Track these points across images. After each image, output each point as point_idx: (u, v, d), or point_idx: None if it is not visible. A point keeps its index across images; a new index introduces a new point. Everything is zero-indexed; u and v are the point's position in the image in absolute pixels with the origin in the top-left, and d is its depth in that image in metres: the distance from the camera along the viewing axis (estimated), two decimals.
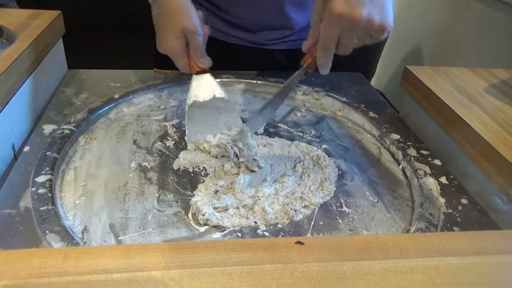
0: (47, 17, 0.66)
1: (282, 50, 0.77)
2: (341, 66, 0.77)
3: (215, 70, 0.74)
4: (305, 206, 0.48)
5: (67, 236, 0.39)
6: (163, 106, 0.67)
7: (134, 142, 0.57)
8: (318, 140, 0.62)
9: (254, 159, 0.51)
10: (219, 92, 0.55)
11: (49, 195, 0.44)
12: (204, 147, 0.54)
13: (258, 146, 0.56)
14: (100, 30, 1.51)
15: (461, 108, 0.57)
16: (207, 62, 0.56)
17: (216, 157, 0.53)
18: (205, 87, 0.55)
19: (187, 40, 0.54)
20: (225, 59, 0.76)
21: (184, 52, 0.54)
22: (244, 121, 0.56)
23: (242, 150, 0.52)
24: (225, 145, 0.52)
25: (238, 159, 0.52)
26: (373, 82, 1.51)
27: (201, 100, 0.54)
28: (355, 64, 0.75)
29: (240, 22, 0.73)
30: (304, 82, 0.74)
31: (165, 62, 0.78)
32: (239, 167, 0.52)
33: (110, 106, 0.62)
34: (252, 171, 0.50)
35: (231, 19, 0.73)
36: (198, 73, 0.55)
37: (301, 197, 0.49)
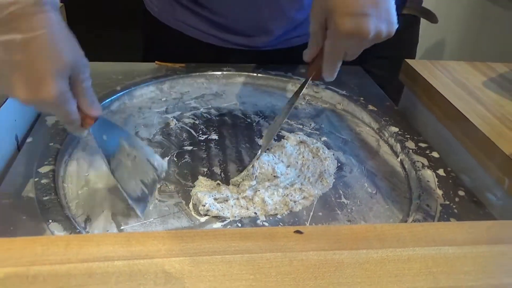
0: None
1: (279, 49, 0.76)
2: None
3: (215, 63, 0.74)
4: (304, 198, 0.48)
5: (69, 226, 0.39)
6: (164, 99, 0.66)
7: (136, 133, 0.57)
8: (317, 132, 0.62)
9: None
10: (125, 135, 0.43)
11: (52, 185, 0.44)
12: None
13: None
14: (102, 22, 1.50)
15: (459, 101, 0.57)
16: (99, 106, 0.40)
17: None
18: (111, 136, 0.41)
19: (73, 80, 0.36)
20: (219, 62, 0.74)
21: (72, 97, 0.37)
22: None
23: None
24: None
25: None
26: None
27: (119, 156, 0.42)
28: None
29: (236, 26, 0.71)
30: (304, 75, 0.73)
31: (157, 55, 0.77)
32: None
33: (112, 98, 0.62)
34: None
35: (227, 23, 0.71)
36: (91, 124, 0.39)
37: (300, 189, 0.48)
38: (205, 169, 0.51)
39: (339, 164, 0.55)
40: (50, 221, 0.40)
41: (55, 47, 0.33)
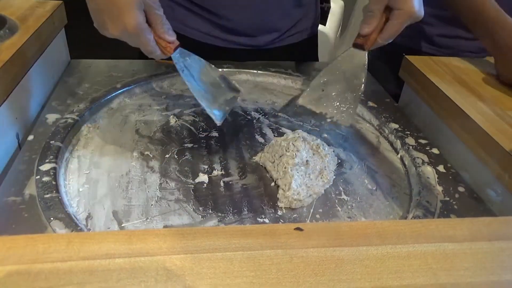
0: (49, 7, 0.65)
1: (279, 47, 0.76)
2: None
3: (215, 60, 0.73)
4: (309, 195, 0.47)
5: (71, 223, 0.39)
6: (164, 96, 0.66)
7: (136, 131, 0.57)
8: (317, 129, 0.61)
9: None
10: (202, 62, 0.52)
11: (53, 183, 0.44)
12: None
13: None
14: None
15: (459, 98, 0.57)
16: (173, 32, 0.47)
17: None
18: (190, 64, 0.49)
19: (148, 15, 0.44)
20: (222, 62, 0.74)
21: (149, 28, 0.44)
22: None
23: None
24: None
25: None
26: None
27: (198, 82, 0.50)
28: None
29: (239, 27, 0.71)
30: (304, 72, 0.73)
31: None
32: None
33: (112, 95, 0.62)
34: None
35: (231, 26, 0.71)
36: (174, 51, 0.47)
37: (306, 185, 0.48)
38: (206, 166, 0.51)
39: (339, 161, 0.55)
40: (52, 218, 0.40)
41: None
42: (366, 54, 0.54)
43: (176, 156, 0.53)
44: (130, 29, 0.41)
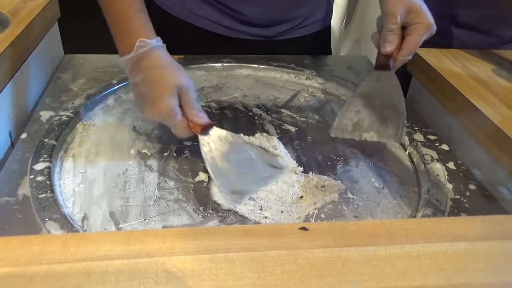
0: (42, 0, 0.65)
1: (291, 39, 0.76)
2: None
3: (217, 55, 0.74)
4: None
5: (66, 224, 0.39)
6: None
7: (134, 128, 0.57)
8: (322, 125, 0.61)
9: None
10: (237, 140, 0.51)
11: (48, 182, 0.44)
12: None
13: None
14: (97, 13, 1.49)
15: (469, 91, 0.57)
16: (206, 116, 0.49)
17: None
18: (219, 142, 0.49)
19: (180, 98, 0.48)
20: (230, 53, 0.74)
21: (180, 112, 0.48)
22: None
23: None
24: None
25: None
26: None
27: (222, 161, 0.48)
28: None
29: (252, 19, 0.71)
30: (307, 66, 0.73)
31: None
32: None
33: (108, 92, 0.62)
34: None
35: (242, 17, 0.71)
36: (202, 131, 0.48)
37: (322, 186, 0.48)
38: (205, 165, 0.51)
39: (345, 158, 0.55)
40: (47, 219, 0.40)
41: (164, 77, 0.47)
42: (394, 73, 0.53)
43: (175, 154, 0.53)
44: (165, 113, 0.47)
